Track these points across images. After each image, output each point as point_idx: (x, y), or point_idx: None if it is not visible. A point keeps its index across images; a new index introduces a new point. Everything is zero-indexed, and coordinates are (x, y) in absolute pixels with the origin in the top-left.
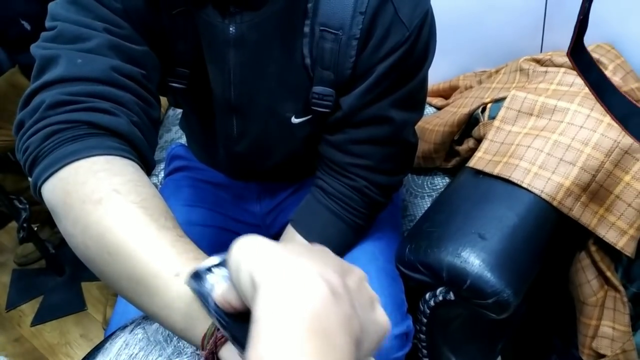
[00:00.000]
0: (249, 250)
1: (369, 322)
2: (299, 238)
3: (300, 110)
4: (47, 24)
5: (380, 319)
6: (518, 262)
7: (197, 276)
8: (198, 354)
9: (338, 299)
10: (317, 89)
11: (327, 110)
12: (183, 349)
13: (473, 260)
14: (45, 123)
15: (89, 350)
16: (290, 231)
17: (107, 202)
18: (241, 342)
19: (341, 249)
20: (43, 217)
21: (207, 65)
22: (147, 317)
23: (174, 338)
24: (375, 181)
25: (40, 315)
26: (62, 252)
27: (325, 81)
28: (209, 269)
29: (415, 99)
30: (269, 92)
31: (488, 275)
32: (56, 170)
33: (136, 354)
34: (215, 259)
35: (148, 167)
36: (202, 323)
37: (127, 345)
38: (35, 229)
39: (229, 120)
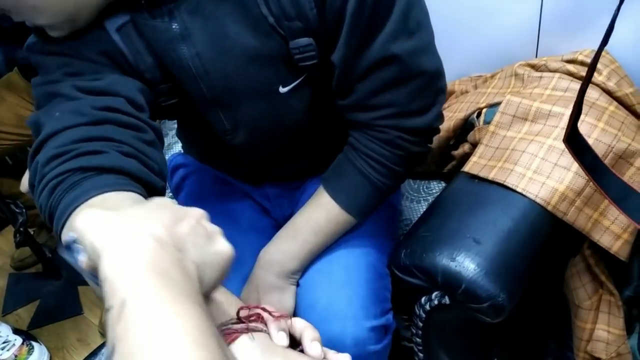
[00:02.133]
0: (88, 224)
1: (208, 255)
2: (326, 198)
3: (286, 77)
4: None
5: (221, 248)
6: (513, 267)
7: (68, 248)
8: None
9: (164, 246)
10: (294, 43)
11: (314, 61)
12: None
13: (468, 265)
14: (45, 181)
15: (86, 354)
16: (319, 190)
17: None
18: None
19: (366, 211)
20: (39, 221)
21: (172, 70)
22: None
23: None
24: (407, 126)
25: (37, 319)
26: (58, 256)
27: (297, 32)
28: (74, 241)
29: (411, 21)
30: (241, 71)
31: (483, 279)
32: (65, 221)
33: None
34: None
35: (154, 190)
36: None
37: None
38: (32, 232)
39: (216, 115)
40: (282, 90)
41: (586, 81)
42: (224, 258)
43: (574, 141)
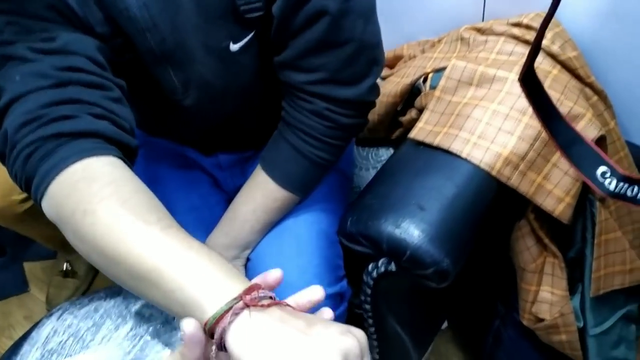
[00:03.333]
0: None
1: None
2: (262, 176)
3: (236, 32)
4: None
5: None
6: (457, 232)
7: None
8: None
9: None
10: None
11: (260, 13)
12: (114, 333)
13: (412, 231)
14: (18, 149)
15: None
16: (257, 168)
17: (91, 212)
18: None
19: (305, 187)
20: None
21: (120, 22)
22: (73, 302)
23: (106, 320)
24: (337, 96)
25: None
26: (2, 232)
27: None
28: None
29: None
30: (190, 25)
31: (427, 245)
32: (45, 189)
33: (65, 341)
34: None
35: (129, 149)
36: (198, 311)
37: (55, 332)
38: None
39: (166, 73)
40: (233, 47)
41: (543, 24)
42: None
43: (529, 82)
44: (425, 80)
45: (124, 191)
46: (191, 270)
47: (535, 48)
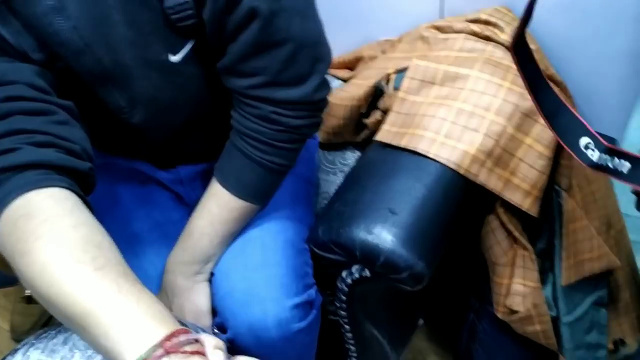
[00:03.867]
0: None
1: None
2: (217, 186)
3: (173, 43)
4: None
5: None
6: (429, 234)
7: None
8: None
9: None
10: (168, 2)
11: (193, 21)
12: None
13: (385, 236)
14: None
15: None
16: (212, 179)
17: (27, 252)
18: None
19: (262, 195)
20: None
21: (53, 47)
22: (39, 337)
23: (75, 353)
24: (281, 99)
25: None
26: None
27: None
28: None
29: None
30: (125, 41)
31: (400, 250)
32: None
33: None
34: None
35: (82, 175)
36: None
37: None
38: None
39: (109, 92)
40: (173, 59)
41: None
42: None
43: (520, 50)
44: (387, 82)
45: (60, 227)
46: (116, 316)
47: (527, 14)
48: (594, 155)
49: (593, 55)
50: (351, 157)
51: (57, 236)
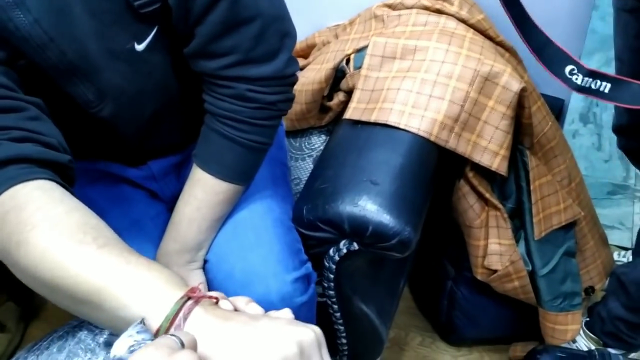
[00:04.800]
0: None
1: None
2: (199, 173)
3: (137, 31)
4: None
5: None
6: (411, 200)
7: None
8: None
9: None
10: None
11: (156, 6)
12: None
13: (371, 207)
14: None
15: None
16: (193, 167)
17: (24, 242)
18: None
19: (245, 175)
20: None
21: (14, 43)
22: (30, 349)
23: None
24: (255, 76)
25: None
26: None
27: None
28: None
29: None
30: (89, 31)
31: (387, 217)
32: None
33: None
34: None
35: (61, 166)
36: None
37: None
38: None
39: (76, 86)
40: (139, 47)
41: None
42: None
43: None
44: (347, 62)
45: (54, 214)
46: (132, 286)
47: None
48: (578, 79)
49: (537, 20)
50: (317, 141)
51: (53, 222)
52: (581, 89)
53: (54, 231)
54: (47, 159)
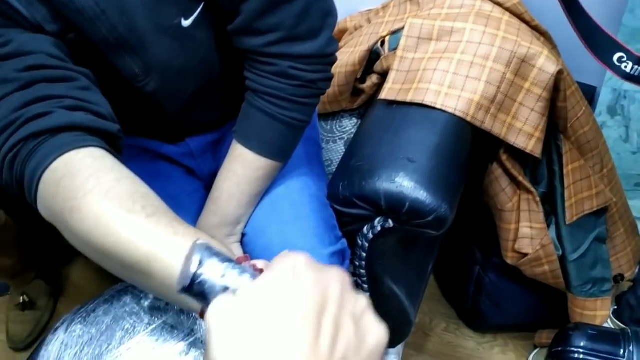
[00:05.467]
0: (218, 325)
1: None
2: (239, 149)
3: (185, 7)
4: None
5: (375, 338)
6: (447, 178)
7: (193, 285)
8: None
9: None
10: None
11: None
12: (132, 332)
13: (408, 184)
14: (1, 157)
15: None
16: (233, 143)
17: (77, 208)
18: None
19: (284, 152)
20: None
21: (67, 16)
22: (77, 312)
23: (119, 322)
24: (298, 53)
25: None
26: None
27: None
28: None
29: None
30: (139, 7)
31: (424, 194)
32: (36, 191)
33: (80, 352)
34: (194, 259)
35: (111, 135)
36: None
37: (66, 346)
38: None
39: (124, 60)
40: (185, 23)
41: None
42: (381, 347)
43: None
44: (382, 44)
45: (106, 181)
46: (180, 256)
47: None
48: (628, 66)
49: None
50: (348, 124)
51: (105, 189)
52: (630, 77)
53: (106, 198)
54: (98, 128)
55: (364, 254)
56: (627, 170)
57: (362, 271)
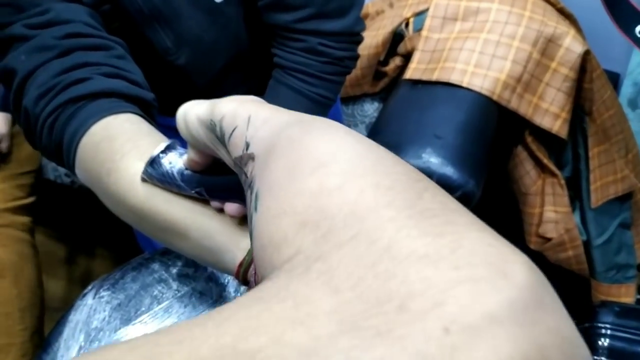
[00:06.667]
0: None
1: None
2: None
3: None
4: None
5: None
6: (474, 155)
7: (153, 162)
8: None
9: None
10: None
11: None
12: (161, 298)
13: (434, 159)
14: (41, 121)
15: None
16: None
17: (115, 169)
18: (220, 196)
19: None
20: None
21: None
22: (105, 279)
23: (147, 288)
24: (327, 30)
25: None
26: None
27: None
28: (163, 152)
29: None
30: None
31: (451, 170)
32: (74, 155)
33: (110, 316)
34: (162, 145)
35: (146, 103)
36: (229, 256)
37: (95, 310)
38: None
39: (157, 33)
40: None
41: None
42: None
43: None
44: (406, 26)
45: (142, 144)
46: (216, 215)
47: None
48: None
49: None
50: (370, 108)
51: (141, 152)
52: None
53: (142, 160)
54: (135, 95)
55: None
56: None
57: None
